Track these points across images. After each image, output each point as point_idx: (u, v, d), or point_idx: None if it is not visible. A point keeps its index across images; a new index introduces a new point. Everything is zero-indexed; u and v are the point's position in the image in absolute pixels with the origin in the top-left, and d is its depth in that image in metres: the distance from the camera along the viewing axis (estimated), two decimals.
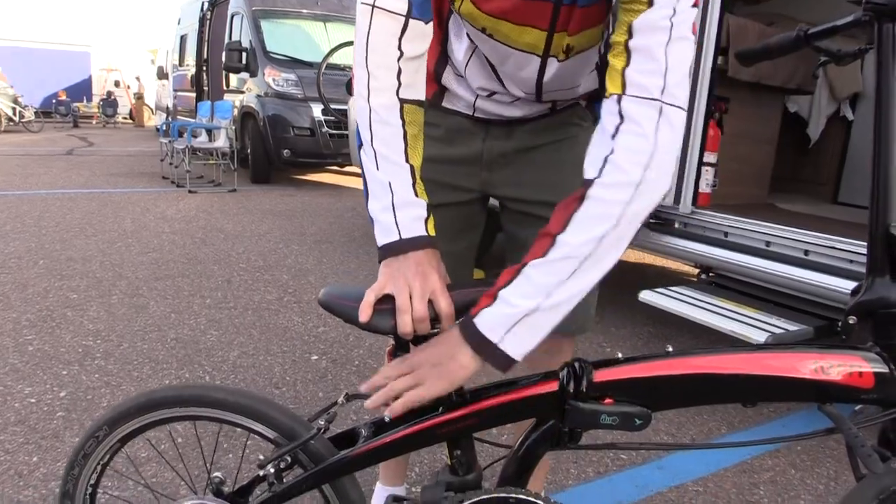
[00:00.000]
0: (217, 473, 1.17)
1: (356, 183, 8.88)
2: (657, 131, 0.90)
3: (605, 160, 0.90)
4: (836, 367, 0.95)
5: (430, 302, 0.97)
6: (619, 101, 0.91)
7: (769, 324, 2.28)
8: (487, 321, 0.91)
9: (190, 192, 7.02)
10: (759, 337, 2.18)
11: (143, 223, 5.25)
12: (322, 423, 1.09)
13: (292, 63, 8.00)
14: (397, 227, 0.99)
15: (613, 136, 0.91)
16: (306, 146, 7.68)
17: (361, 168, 1.06)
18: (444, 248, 1.34)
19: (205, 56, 9.89)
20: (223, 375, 2.55)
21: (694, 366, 0.96)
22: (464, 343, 0.93)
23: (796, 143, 3.95)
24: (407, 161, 1.02)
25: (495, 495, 1.03)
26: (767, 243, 2.55)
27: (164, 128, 8.51)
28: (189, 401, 1.11)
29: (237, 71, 8.32)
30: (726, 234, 2.69)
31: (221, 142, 7.79)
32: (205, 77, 9.95)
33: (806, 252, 2.43)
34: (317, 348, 2.87)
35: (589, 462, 2.06)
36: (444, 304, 0.95)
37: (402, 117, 1.02)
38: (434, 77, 1.27)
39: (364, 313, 0.96)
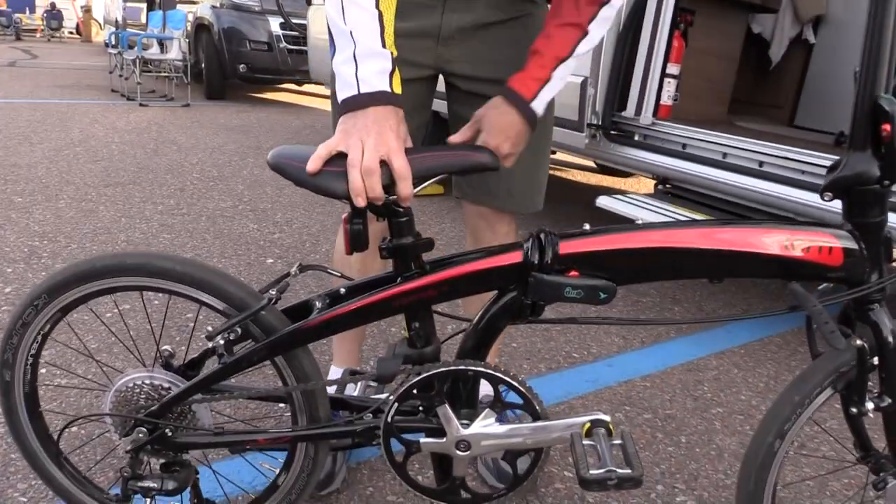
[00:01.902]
0: (166, 347, 1.14)
1: (315, 102, 8.67)
2: None
3: None
4: (804, 243, 0.95)
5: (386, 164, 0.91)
6: None
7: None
8: (540, 103, 1.13)
9: (141, 105, 6.76)
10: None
11: (91, 133, 5.06)
12: (273, 293, 1.06)
13: None
14: (357, 81, 0.93)
15: None
16: (263, 61, 7.42)
17: (328, 24, 0.99)
18: None
19: None
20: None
21: (661, 239, 0.96)
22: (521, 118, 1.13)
23: (758, 65, 3.96)
24: (377, 7, 0.95)
25: (454, 368, 1.02)
26: (724, 155, 2.58)
27: (113, 39, 8.10)
28: (133, 270, 1.07)
29: None
30: (684, 145, 2.70)
31: (174, 53, 7.47)
32: None
33: (761, 164, 2.46)
34: (272, 252, 2.84)
35: (541, 359, 2.11)
36: (399, 165, 0.91)
37: None
38: None
39: (313, 163, 0.91)
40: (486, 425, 1.04)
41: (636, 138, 2.87)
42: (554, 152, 3.41)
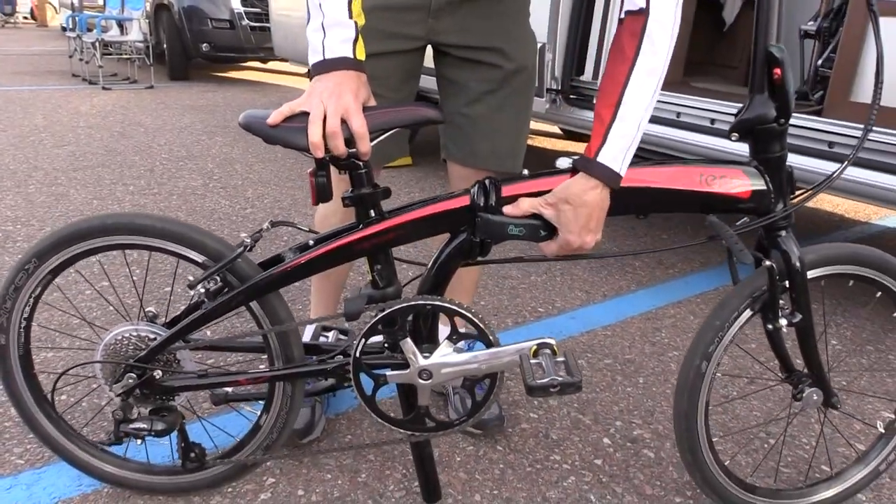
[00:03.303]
0: (150, 308, 1.23)
1: (280, 80, 8.62)
2: None
3: None
4: (719, 178, 1.07)
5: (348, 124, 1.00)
6: None
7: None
8: (610, 156, 0.99)
9: (104, 89, 6.68)
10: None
11: (55, 119, 5.02)
12: (247, 240, 1.16)
13: None
14: (323, 48, 1.03)
15: None
16: (226, 40, 7.36)
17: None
18: (389, 96, 1.39)
19: None
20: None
21: None
22: (593, 181, 1.00)
23: (712, 26, 4.06)
24: None
25: (413, 303, 1.13)
26: (678, 114, 2.68)
27: (71, 23, 7.96)
28: (115, 229, 1.15)
29: None
30: None
31: (134, 35, 7.37)
32: None
33: (712, 121, 2.57)
34: (245, 227, 2.90)
35: (508, 314, 2.22)
36: (357, 124, 1.00)
37: None
38: None
39: (274, 117, 1.01)
40: (444, 355, 1.15)
41: (595, 101, 2.96)
42: None
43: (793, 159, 2.25)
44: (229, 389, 1.25)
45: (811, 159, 2.26)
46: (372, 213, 1.12)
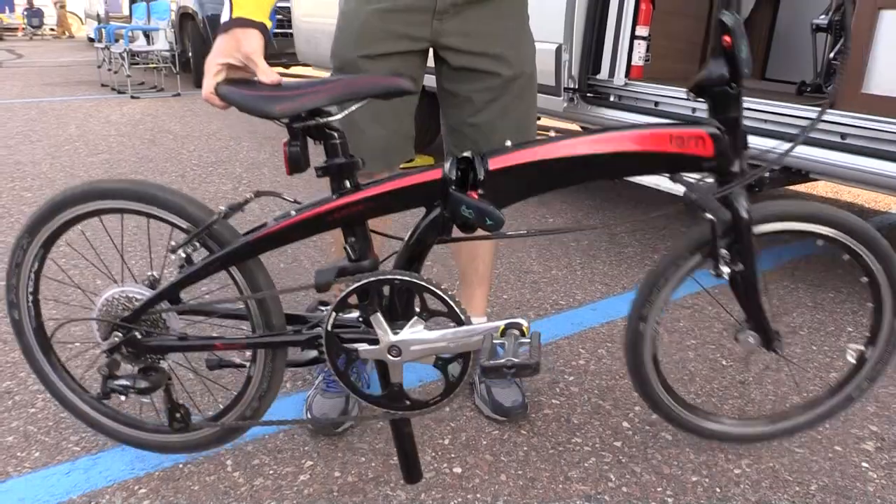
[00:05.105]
0: (152, 272, 1.31)
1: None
2: None
3: None
4: (682, 138, 1.14)
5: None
6: None
7: (689, 177, 2.49)
8: None
9: (133, 97, 6.87)
10: (680, 189, 2.39)
11: (87, 128, 5.19)
12: (223, 208, 1.22)
13: None
14: (230, 10, 1.12)
15: None
16: None
17: None
18: None
19: None
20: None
21: (566, 149, 1.13)
22: None
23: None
24: None
25: (382, 277, 1.16)
26: (693, 110, 2.74)
27: (99, 34, 8.18)
28: (95, 194, 1.22)
29: None
30: (657, 103, 2.86)
31: (160, 44, 7.57)
32: None
33: None
34: None
35: (530, 307, 2.29)
36: (247, 52, 1.10)
37: None
38: None
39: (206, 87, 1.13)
40: (414, 332, 1.19)
41: (611, 99, 3.03)
42: (538, 118, 3.57)
43: (807, 151, 2.31)
44: (221, 355, 1.30)
45: (825, 150, 2.31)
46: (347, 184, 1.16)
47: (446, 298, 1.15)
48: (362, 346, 1.21)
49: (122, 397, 1.30)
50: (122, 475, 1.43)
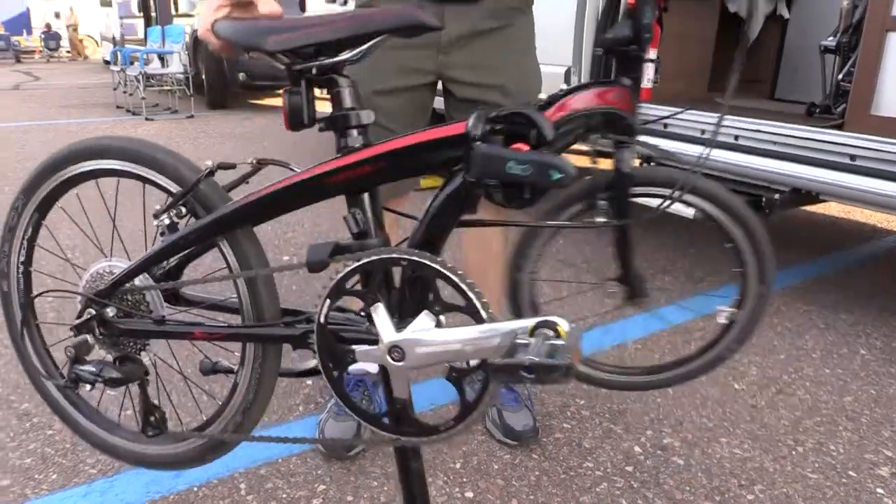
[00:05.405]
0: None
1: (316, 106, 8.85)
2: None
3: None
4: (615, 95, 1.12)
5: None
6: None
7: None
8: None
9: (147, 119, 6.97)
10: (689, 212, 2.40)
11: None
12: (209, 163, 1.07)
13: None
14: None
15: None
16: (262, 68, 7.61)
17: None
18: (400, 131, 1.50)
19: None
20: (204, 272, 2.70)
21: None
22: None
23: (736, 42, 4.11)
24: None
25: (387, 255, 0.93)
26: (702, 131, 2.75)
27: (115, 57, 8.31)
28: (83, 154, 1.12)
29: None
30: (665, 125, 2.88)
31: (175, 67, 7.68)
32: (151, 2, 9.66)
33: (736, 137, 2.64)
34: (287, 251, 3.04)
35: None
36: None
37: None
38: None
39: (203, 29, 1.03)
40: (421, 329, 0.92)
41: None
42: None
43: (816, 173, 2.32)
44: (217, 360, 1.12)
45: (835, 172, 2.31)
46: (357, 141, 0.98)
47: (464, 287, 0.89)
48: (360, 347, 0.96)
49: (88, 387, 1.12)
50: (137, 498, 1.44)
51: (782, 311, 2.50)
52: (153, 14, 9.71)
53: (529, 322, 0.86)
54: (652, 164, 2.88)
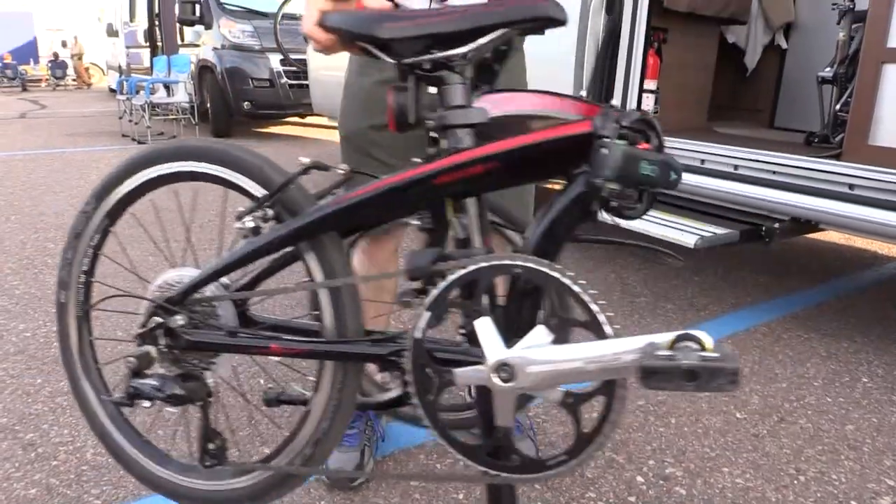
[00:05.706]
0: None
1: (318, 133, 8.94)
2: None
3: None
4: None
5: None
6: None
7: (699, 229, 2.53)
8: None
9: None
10: (690, 240, 2.43)
11: None
12: (305, 160, 1.01)
13: (247, 14, 7.97)
14: None
15: None
16: (266, 98, 7.72)
17: None
18: (395, 165, 1.51)
19: (156, 10, 9.73)
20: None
21: None
22: None
23: (735, 72, 4.18)
24: None
25: (497, 263, 0.84)
26: (702, 161, 2.78)
27: (121, 87, 8.42)
28: (166, 155, 1.09)
29: (191, 24, 8.24)
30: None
31: (180, 96, 7.77)
32: (158, 32, 9.80)
33: (735, 167, 2.67)
34: (303, 277, 3.06)
35: None
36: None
37: None
38: None
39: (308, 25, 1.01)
40: (534, 345, 0.82)
41: None
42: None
43: (815, 202, 2.34)
44: (282, 391, 1.06)
45: (833, 201, 2.34)
46: (467, 141, 0.88)
47: (587, 301, 0.80)
48: (459, 368, 0.86)
49: (145, 403, 1.04)
50: None
51: (783, 338, 2.51)
52: (159, 44, 9.84)
53: (668, 336, 0.78)
54: None
